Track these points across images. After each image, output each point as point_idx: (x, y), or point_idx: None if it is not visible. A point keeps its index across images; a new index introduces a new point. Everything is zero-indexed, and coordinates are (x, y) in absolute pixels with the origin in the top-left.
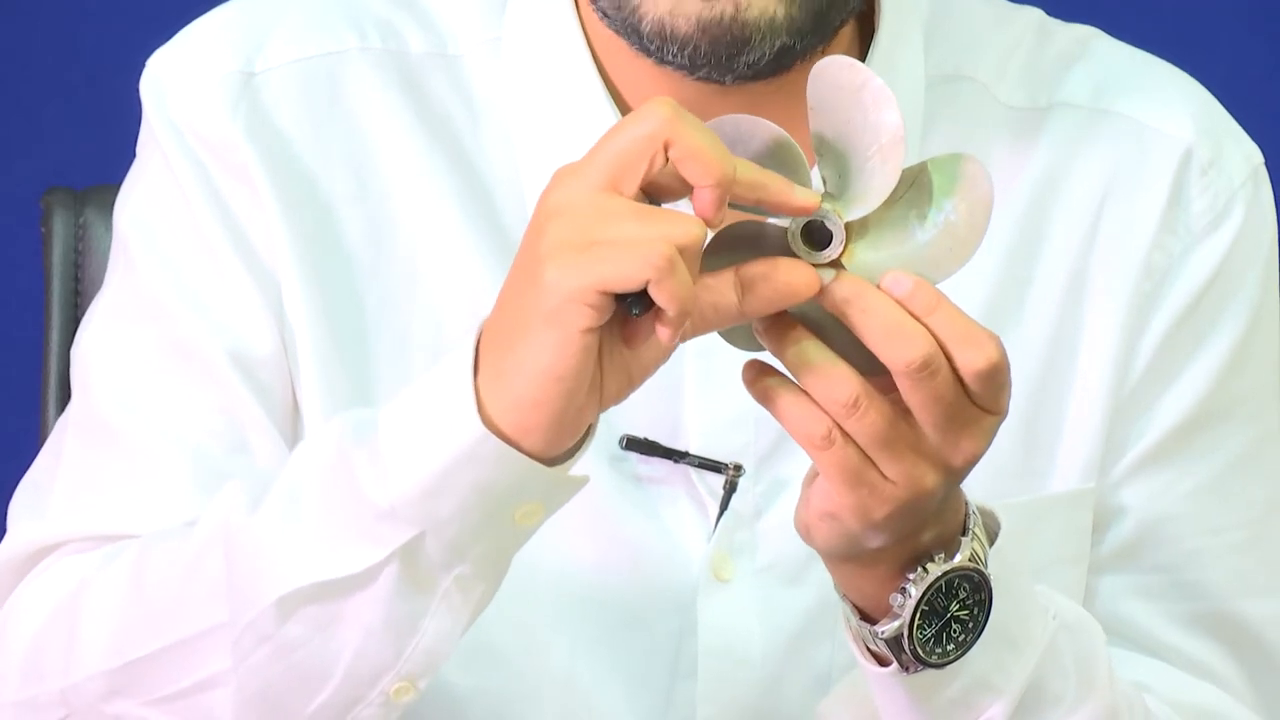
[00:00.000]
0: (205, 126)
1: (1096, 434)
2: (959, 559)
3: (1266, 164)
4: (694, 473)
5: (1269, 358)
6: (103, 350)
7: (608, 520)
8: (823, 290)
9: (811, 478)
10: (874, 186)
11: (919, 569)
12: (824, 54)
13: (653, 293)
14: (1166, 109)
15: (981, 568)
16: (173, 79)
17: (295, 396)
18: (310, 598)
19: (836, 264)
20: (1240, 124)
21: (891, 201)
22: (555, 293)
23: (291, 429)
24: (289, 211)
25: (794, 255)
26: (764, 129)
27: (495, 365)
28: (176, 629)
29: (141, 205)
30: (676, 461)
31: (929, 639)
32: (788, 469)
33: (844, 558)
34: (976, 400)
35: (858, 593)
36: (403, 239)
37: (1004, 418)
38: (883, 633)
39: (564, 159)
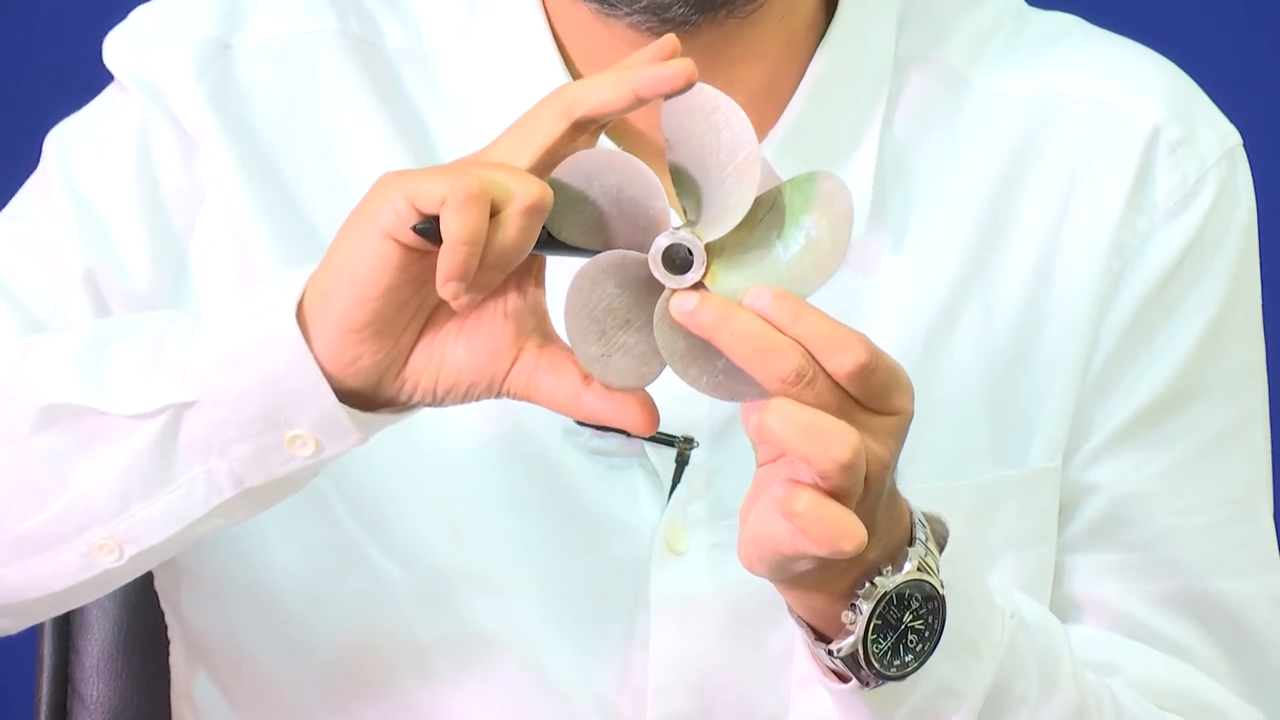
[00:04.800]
0: (168, 84)
1: (1063, 413)
2: (907, 570)
3: (1266, 164)
4: (648, 446)
5: (1248, 338)
6: None
7: (564, 491)
8: (688, 315)
9: (749, 506)
10: (731, 205)
11: (867, 584)
12: (776, 6)
13: (442, 216)
14: (1136, 90)
15: (931, 577)
16: (149, 33)
17: None
18: (72, 417)
19: (699, 287)
20: (1240, 124)
21: (752, 223)
22: (374, 194)
23: None
24: (250, 176)
25: (657, 283)
26: (616, 163)
27: (320, 265)
28: None
29: (76, 128)
30: (630, 435)
31: (885, 652)
32: (743, 442)
33: (792, 581)
34: (865, 403)
35: (811, 613)
36: None
37: (907, 417)
38: (838, 650)
39: None
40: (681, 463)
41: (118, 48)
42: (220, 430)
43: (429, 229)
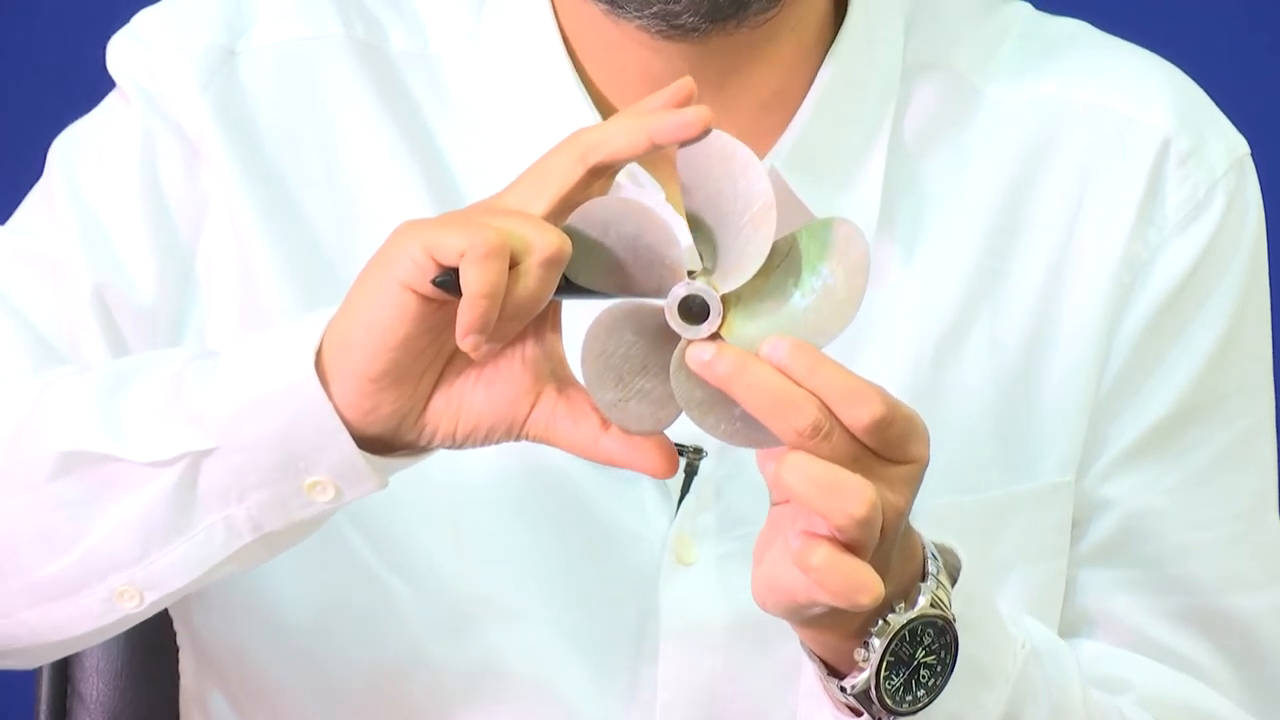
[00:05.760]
0: (172, 93)
1: (1076, 428)
2: (919, 606)
3: (1265, 163)
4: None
5: (1258, 351)
6: None
7: (572, 502)
8: (705, 366)
9: (763, 547)
10: (748, 255)
11: (880, 621)
12: (788, 16)
13: (461, 268)
14: (1146, 100)
15: (945, 611)
16: (154, 40)
17: None
18: (90, 464)
19: (716, 337)
20: (1240, 125)
21: (768, 271)
22: (392, 244)
23: None
24: (254, 184)
25: (673, 333)
26: (633, 211)
27: (338, 312)
28: None
29: (80, 137)
30: None
31: (897, 688)
32: (751, 452)
33: (805, 621)
34: (881, 453)
35: (823, 648)
36: (368, 225)
37: (923, 465)
38: (851, 687)
39: (534, 147)
40: (690, 473)
41: (121, 53)
42: (240, 477)
43: (448, 281)
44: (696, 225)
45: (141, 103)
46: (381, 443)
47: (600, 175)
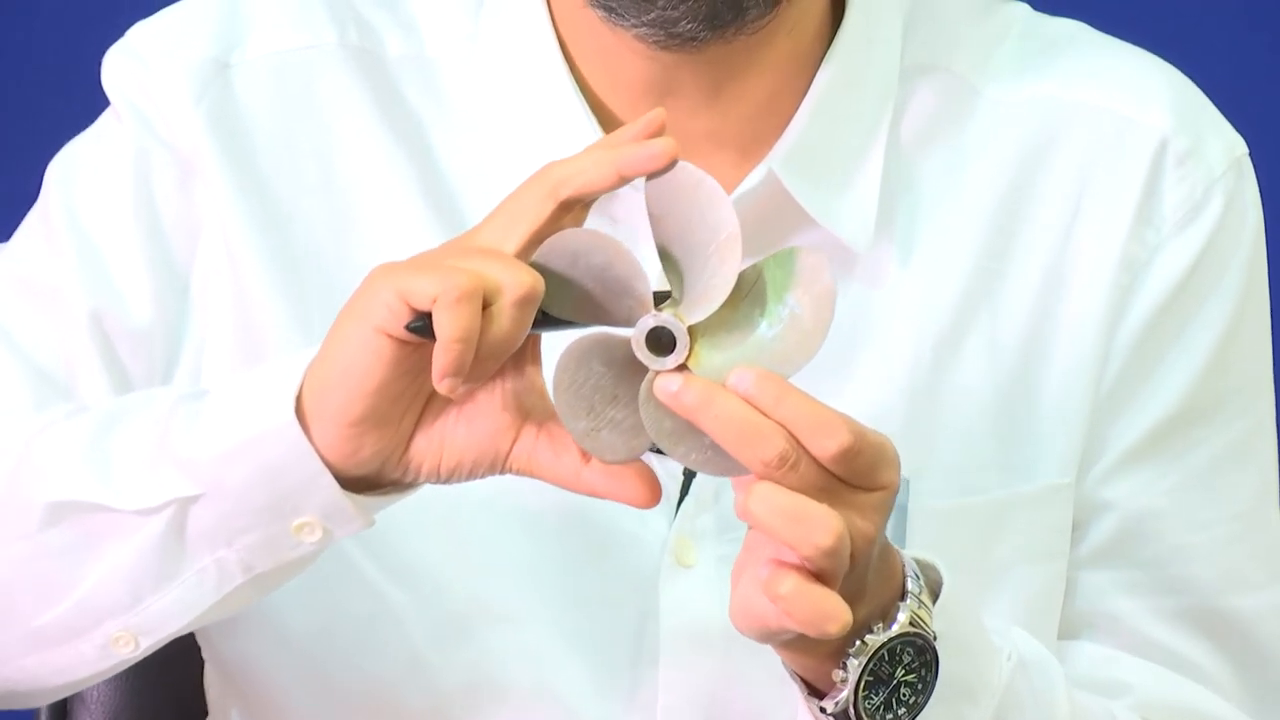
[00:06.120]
0: (166, 108)
1: (1075, 429)
2: (898, 626)
3: (1265, 163)
4: (654, 457)
5: (1257, 351)
6: None
7: (571, 505)
8: (672, 398)
9: (739, 572)
10: (714, 286)
11: (858, 642)
12: (785, 20)
13: (435, 314)
14: (1144, 100)
15: (925, 630)
16: (148, 54)
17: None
18: (80, 513)
19: (684, 368)
20: (1240, 125)
21: (735, 301)
22: (366, 289)
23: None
24: (247, 199)
25: (642, 364)
26: (601, 244)
27: (317, 357)
28: None
29: (76, 158)
30: None
31: (877, 708)
32: None
33: (783, 644)
34: (850, 481)
35: (803, 669)
36: (366, 233)
37: (893, 491)
38: (830, 707)
39: (530, 152)
40: (689, 475)
41: (116, 69)
42: (227, 521)
43: (423, 327)
44: (665, 256)
45: (135, 122)
46: (367, 481)
47: (571, 209)
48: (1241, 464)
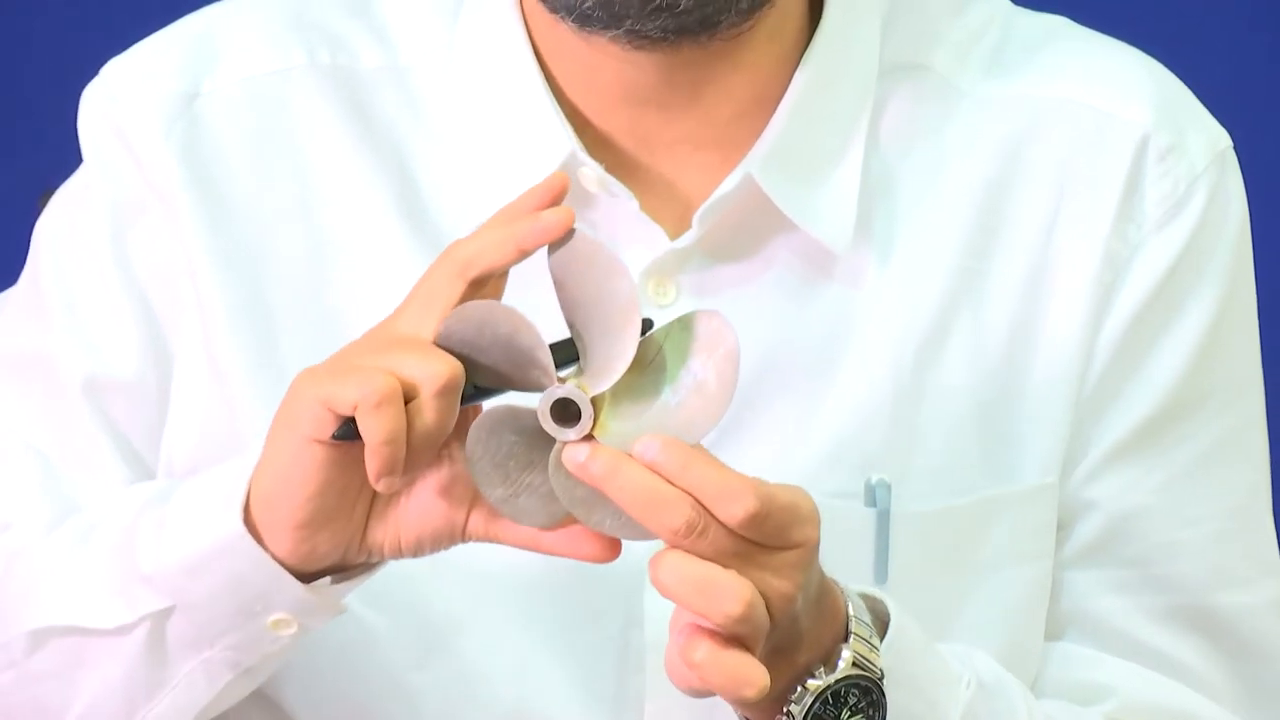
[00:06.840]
0: (137, 143)
1: (1059, 428)
2: (841, 668)
3: (1264, 163)
4: None
5: (1244, 346)
6: None
7: None
8: (580, 468)
9: (674, 626)
10: (615, 355)
11: (799, 688)
12: (764, 23)
13: (358, 419)
14: (1126, 95)
15: (869, 670)
16: (117, 92)
17: (199, 421)
18: (61, 637)
19: (590, 437)
20: (1239, 125)
21: (640, 368)
22: (292, 397)
23: (154, 451)
24: (216, 233)
25: (548, 436)
26: (504, 315)
27: (258, 465)
28: None
29: (59, 211)
30: None
31: None
32: (732, 456)
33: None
34: (763, 543)
35: (750, 713)
36: (344, 255)
37: (811, 547)
38: None
39: (506, 161)
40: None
41: (90, 109)
42: (204, 628)
43: (349, 432)
44: (570, 325)
45: (105, 169)
46: (333, 567)
47: (483, 285)
48: (1229, 459)
